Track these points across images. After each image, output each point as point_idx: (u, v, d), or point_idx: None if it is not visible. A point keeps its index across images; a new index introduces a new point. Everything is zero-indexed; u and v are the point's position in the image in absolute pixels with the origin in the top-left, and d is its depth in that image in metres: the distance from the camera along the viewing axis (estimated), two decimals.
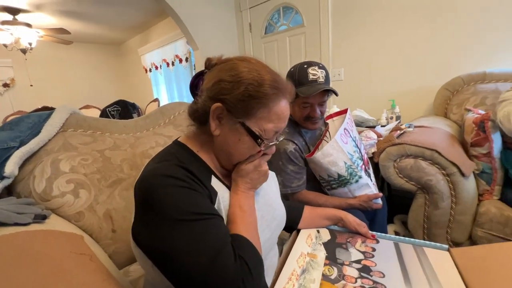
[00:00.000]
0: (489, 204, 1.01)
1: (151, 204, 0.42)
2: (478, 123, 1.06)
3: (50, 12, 3.19)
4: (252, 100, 0.46)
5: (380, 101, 1.92)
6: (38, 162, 0.73)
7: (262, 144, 0.49)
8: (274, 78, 0.49)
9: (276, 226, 0.60)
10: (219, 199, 0.48)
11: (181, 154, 0.50)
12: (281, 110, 0.49)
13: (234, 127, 0.48)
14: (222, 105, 0.47)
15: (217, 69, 0.50)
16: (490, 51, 1.52)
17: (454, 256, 0.56)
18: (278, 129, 0.50)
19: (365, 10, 1.93)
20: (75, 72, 4.60)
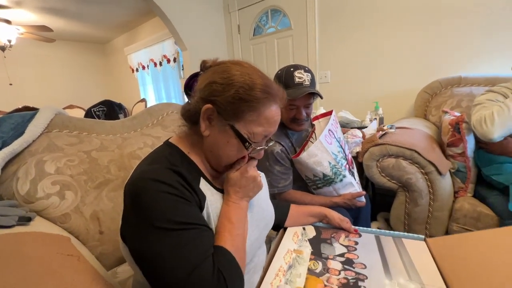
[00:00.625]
0: (463, 201, 1.08)
1: (139, 208, 0.42)
2: (454, 125, 1.13)
3: (31, 9, 3.09)
4: (242, 103, 0.47)
5: (365, 103, 1.99)
6: (22, 164, 0.71)
7: (249, 147, 0.50)
8: (266, 82, 0.49)
9: (265, 226, 0.62)
10: (207, 204, 0.49)
11: (172, 155, 0.51)
12: (271, 115, 0.50)
13: (224, 129, 0.49)
14: (212, 106, 0.47)
15: (210, 71, 0.51)
16: (466, 57, 1.61)
17: (430, 246, 0.61)
18: (267, 133, 0.51)
19: (350, 16, 1.99)
20: (57, 71, 4.45)
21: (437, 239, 0.64)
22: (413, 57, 1.78)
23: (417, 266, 0.55)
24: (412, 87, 1.78)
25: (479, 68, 1.56)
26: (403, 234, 0.68)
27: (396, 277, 0.53)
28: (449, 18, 1.62)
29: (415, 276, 0.52)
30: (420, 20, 1.71)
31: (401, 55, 1.83)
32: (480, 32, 1.54)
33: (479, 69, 1.56)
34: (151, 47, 3.83)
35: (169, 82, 3.83)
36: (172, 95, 3.86)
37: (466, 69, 1.60)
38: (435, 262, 0.56)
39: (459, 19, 1.59)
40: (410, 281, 0.51)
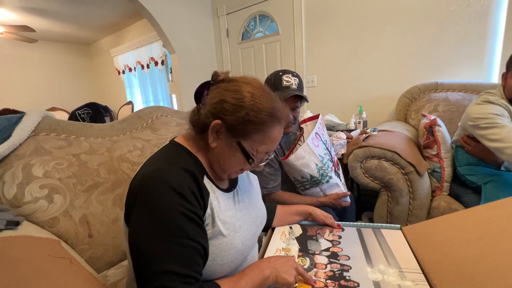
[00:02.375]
0: (440, 199, 1.15)
1: (150, 208, 0.45)
2: (428, 128, 1.20)
3: (12, 8, 2.98)
4: (250, 124, 0.50)
5: (349, 107, 2.07)
6: (8, 167, 0.70)
7: (252, 163, 0.54)
8: (273, 105, 0.53)
9: (260, 223, 0.65)
10: (210, 200, 0.52)
11: (180, 154, 0.54)
12: (275, 135, 0.54)
13: (230, 144, 0.53)
14: (222, 123, 0.51)
15: (222, 87, 0.53)
16: (442, 64, 1.72)
17: (405, 233, 0.68)
18: (269, 150, 0.56)
19: (335, 23, 2.07)
20: (39, 72, 4.30)
21: (410, 226, 0.70)
22: (394, 64, 1.88)
23: (395, 252, 0.61)
24: (393, 92, 1.87)
25: (454, 75, 1.67)
26: (381, 225, 0.74)
27: (377, 265, 0.58)
28: (426, 27, 1.72)
29: (394, 262, 0.58)
30: (400, 29, 1.81)
31: (383, 62, 1.92)
32: (454, 40, 1.65)
33: (453, 76, 1.67)
34: (138, 49, 3.79)
35: (157, 85, 3.79)
36: (160, 98, 3.82)
37: (441, 76, 1.71)
38: (411, 247, 0.62)
39: (435, 29, 1.69)
40: (389, 267, 0.57)
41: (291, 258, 0.55)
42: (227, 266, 0.52)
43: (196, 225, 0.47)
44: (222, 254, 0.51)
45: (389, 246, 0.64)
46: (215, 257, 0.50)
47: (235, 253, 0.53)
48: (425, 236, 0.63)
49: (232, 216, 0.55)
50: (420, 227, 0.68)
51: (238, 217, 0.56)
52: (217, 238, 0.51)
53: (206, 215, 0.50)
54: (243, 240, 0.55)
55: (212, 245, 0.50)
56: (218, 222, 0.51)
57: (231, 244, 0.52)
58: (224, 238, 0.51)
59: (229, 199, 0.58)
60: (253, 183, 0.70)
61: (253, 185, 0.70)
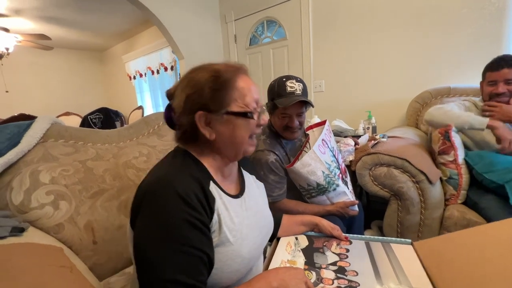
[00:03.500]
0: (453, 208, 1.10)
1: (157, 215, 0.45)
2: (443, 133, 1.16)
3: (30, 17, 3.12)
4: (219, 91, 0.52)
5: (358, 112, 2.02)
6: (16, 174, 0.72)
7: (252, 115, 0.54)
8: (225, 64, 0.55)
9: (266, 233, 0.64)
10: (216, 206, 0.51)
11: (186, 161, 0.54)
12: (246, 84, 0.54)
13: (223, 120, 0.53)
14: (202, 112, 0.51)
15: (178, 92, 0.54)
16: (454, 68, 1.66)
17: (416, 249, 0.63)
18: (255, 99, 0.55)
19: (343, 27, 2.05)
20: (55, 78, 4.46)
21: (422, 242, 0.66)
22: (404, 68, 1.84)
23: (406, 269, 0.57)
24: (403, 96, 1.83)
25: (468, 79, 1.61)
26: (391, 239, 0.70)
27: (387, 282, 0.55)
28: (438, 31, 1.67)
29: (404, 280, 0.54)
30: (410, 32, 1.77)
31: (393, 66, 1.88)
32: (467, 44, 1.60)
33: (467, 80, 1.61)
34: (148, 55, 3.87)
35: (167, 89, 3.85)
36: None
37: (455, 80, 1.65)
38: (422, 264, 0.58)
39: (447, 32, 1.64)
40: (400, 285, 0.53)
41: (300, 271, 0.53)
42: (233, 275, 0.51)
43: (201, 233, 0.47)
44: (229, 262, 0.50)
45: (399, 262, 0.60)
46: (222, 265, 0.50)
47: (241, 261, 0.52)
48: (438, 253, 0.59)
49: (240, 223, 0.54)
50: (433, 242, 0.64)
51: (245, 225, 0.55)
52: (224, 245, 0.50)
53: (213, 222, 0.50)
54: (249, 249, 0.54)
55: (219, 252, 0.49)
56: (225, 228, 0.50)
57: (238, 252, 0.51)
58: (231, 246, 0.51)
59: (237, 205, 0.57)
60: (261, 190, 0.70)
61: (261, 193, 0.69)
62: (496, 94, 1.15)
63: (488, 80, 1.18)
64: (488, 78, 1.18)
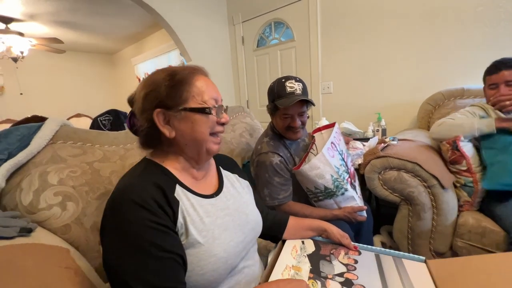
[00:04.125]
0: (468, 215, 1.06)
1: (118, 227, 0.45)
2: (452, 143, 1.11)
3: (44, 22, 3.21)
4: (176, 88, 0.52)
5: (367, 114, 1.99)
6: (26, 175, 0.73)
7: (210, 111, 0.54)
8: (182, 66, 0.56)
9: (251, 230, 0.63)
10: (181, 208, 0.51)
11: (148, 168, 0.55)
12: (204, 82, 0.55)
13: (181, 117, 0.53)
14: (160, 109, 0.52)
15: (137, 94, 0.56)
16: (468, 69, 1.61)
17: (430, 268, 0.59)
18: (213, 96, 0.56)
19: (352, 27, 2.02)
20: (66, 80, 4.58)
21: (438, 261, 0.62)
22: (416, 69, 1.79)
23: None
24: (415, 98, 1.78)
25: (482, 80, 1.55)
26: (404, 254, 0.66)
27: None
28: (451, 30, 1.63)
29: None
30: (422, 32, 1.73)
31: (404, 66, 1.83)
32: (482, 43, 1.54)
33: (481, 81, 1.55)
34: (157, 58, 3.93)
35: None
36: None
37: (468, 81, 1.60)
38: (435, 285, 0.54)
39: (461, 31, 1.60)
40: None
41: (303, 282, 0.51)
42: (209, 276, 0.50)
43: (167, 235, 0.46)
44: (202, 263, 0.49)
45: (410, 280, 0.56)
46: (194, 266, 0.49)
47: (216, 260, 0.51)
48: (453, 275, 0.55)
49: (211, 223, 0.54)
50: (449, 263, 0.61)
51: (217, 224, 0.55)
52: (194, 246, 0.50)
53: (178, 225, 0.50)
54: (225, 247, 0.53)
55: (189, 254, 0.49)
56: (192, 230, 0.50)
57: (210, 251, 0.51)
58: (202, 246, 0.50)
59: (209, 205, 0.57)
60: (243, 188, 0.69)
61: (243, 191, 0.68)
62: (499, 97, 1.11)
63: (488, 84, 1.17)
64: (488, 82, 1.17)
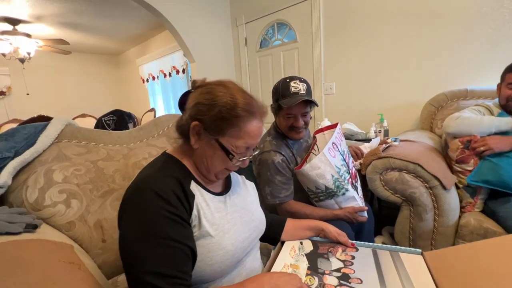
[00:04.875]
0: (470, 216, 1.05)
1: (137, 215, 0.48)
2: (465, 142, 1.11)
3: (50, 23, 3.26)
4: (224, 121, 0.53)
5: (369, 115, 1.98)
6: (32, 172, 0.75)
7: (233, 158, 0.56)
8: (247, 101, 0.55)
9: (255, 228, 0.65)
10: (196, 203, 0.54)
11: (167, 162, 0.58)
12: (251, 129, 0.55)
13: (210, 143, 0.55)
14: (199, 124, 0.54)
15: (198, 91, 0.57)
16: (472, 70, 1.60)
17: (427, 259, 0.60)
18: (248, 145, 0.56)
19: (355, 28, 2.02)
20: (72, 81, 4.64)
21: (433, 252, 0.63)
22: (418, 69, 1.78)
23: (414, 281, 0.54)
24: (417, 99, 1.77)
25: (485, 81, 1.54)
26: (400, 248, 0.67)
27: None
28: (454, 31, 1.62)
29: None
30: (425, 32, 1.72)
31: (406, 67, 1.83)
32: (486, 44, 1.54)
33: (485, 82, 1.54)
34: (161, 59, 3.96)
35: (178, 92, 3.93)
36: None
37: (472, 82, 1.59)
38: (432, 276, 0.55)
39: (465, 32, 1.59)
40: None
41: (296, 276, 0.52)
42: (216, 267, 0.53)
43: (181, 226, 0.49)
44: (211, 254, 0.52)
45: (407, 272, 0.57)
46: (204, 257, 0.52)
47: (224, 253, 0.54)
48: (449, 264, 0.56)
49: (221, 218, 0.57)
50: (444, 253, 0.61)
51: (227, 219, 0.58)
52: (205, 238, 0.53)
53: (193, 217, 0.53)
54: (233, 241, 0.56)
55: (200, 245, 0.52)
56: (205, 223, 0.53)
57: (219, 244, 0.54)
58: (212, 239, 0.53)
59: (220, 202, 0.60)
60: (249, 189, 0.72)
61: (249, 191, 0.71)
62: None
63: (508, 82, 1.13)
64: (508, 80, 1.13)
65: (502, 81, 1.18)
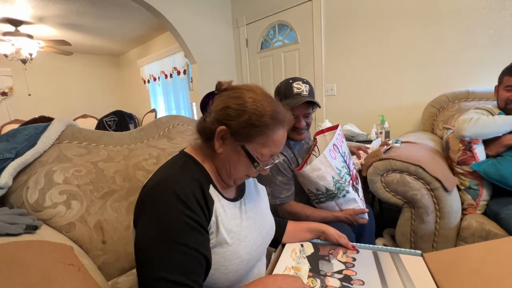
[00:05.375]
0: (471, 219, 1.05)
1: (156, 216, 0.47)
2: (466, 144, 1.11)
3: (52, 24, 3.28)
4: (253, 128, 0.52)
5: (370, 116, 1.98)
6: (32, 173, 0.75)
7: (258, 166, 0.55)
8: (275, 109, 0.54)
9: (266, 234, 0.64)
10: (215, 208, 0.53)
11: (187, 163, 0.56)
12: (278, 138, 0.55)
13: (236, 149, 0.54)
14: (226, 128, 0.52)
15: (225, 95, 0.55)
16: (473, 71, 1.60)
17: (427, 261, 0.61)
18: (273, 153, 0.56)
19: (356, 29, 2.02)
20: (74, 82, 4.66)
21: (434, 254, 0.63)
22: (419, 71, 1.78)
23: (415, 282, 0.55)
24: (419, 100, 1.77)
25: (487, 83, 1.54)
26: (400, 249, 0.67)
27: None
28: (456, 32, 1.62)
29: None
30: (426, 34, 1.72)
31: (407, 69, 1.83)
32: (487, 46, 1.53)
33: (486, 84, 1.54)
34: (162, 60, 3.97)
35: (179, 93, 3.93)
36: (182, 106, 3.95)
37: (473, 83, 1.59)
38: (433, 277, 0.56)
39: (466, 33, 1.59)
40: None
41: (298, 279, 0.52)
42: (231, 276, 0.52)
43: (199, 234, 0.48)
44: (227, 263, 0.51)
45: (408, 274, 0.57)
46: (219, 265, 0.51)
47: (240, 262, 0.53)
48: (449, 266, 0.56)
49: (238, 225, 0.55)
50: (445, 254, 0.61)
51: (243, 226, 0.57)
52: (222, 246, 0.51)
53: (211, 223, 0.51)
54: (248, 250, 0.55)
55: (216, 253, 0.51)
56: (222, 230, 0.52)
57: (236, 253, 0.52)
58: (228, 247, 0.52)
59: (235, 208, 0.58)
60: (260, 193, 0.70)
61: (260, 195, 0.69)
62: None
63: (506, 85, 1.12)
64: (506, 83, 1.12)
65: (500, 84, 1.17)
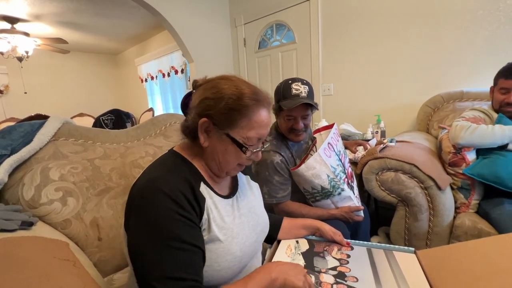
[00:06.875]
0: (464, 217, 1.06)
1: (146, 216, 0.47)
2: (456, 148, 1.12)
3: (49, 22, 3.25)
4: (233, 112, 0.52)
5: (367, 116, 2.00)
6: (28, 170, 0.75)
7: (246, 151, 0.54)
8: (253, 90, 0.54)
9: (261, 231, 0.65)
10: (206, 206, 0.52)
11: (176, 162, 0.56)
12: (260, 118, 0.54)
13: (221, 138, 0.54)
14: (208, 120, 0.52)
15: (201, 88, 0.56)
16: (468, 72, 1.62)
17: (420, 258, 0.62)
18: (260, 135, 0.55)
19: (353, 30, 2.04)
20: (70, 80, 4.62)
21: (426, 251, 0.64)
22: (415, 71, 1.80)
23: (408, 278, 0.56)
24: (414, 100, 1.79)
25: (481, 83, 1.56)
26: (394, 246, 0.69)
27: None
28: (451, 33, 1.64)
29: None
30: (422, 34, 1.74)
31: (403, 69, 1.84)
32: (482, 47, 1.55)
33: (480, 84, 1.56)
34: (160, 59, 3.96)
35: (177, 92, 3.93)
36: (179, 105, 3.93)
37: (468, 83, 1.60)
38: (425, 274, 0.57)
39: (461, 34, 1.60)
40: None
41: (301, 267, 0.53)
42: (224, 272, 0.52)
43: (192, 229, 0.48)
44: (219, 259, 0.51)
45: (401, 271, 0.58)
46: (212, 262, 0.51)
47: (232, 259, 0.53)
48: (442, 263, 0.57)
49: (230, 222, 0.55)
50: (437, 252, 0.62)
51: (236, 224, 0.56)
52: (214, 243, 0.51)
53: (203, 220, 0.51)
54: (241, 247, 0.55)
55: (208, 250, 0.51)
56: (214, 227, 0.52)
57: (228, 249, 0.52)
58: (221, 244, 0.52)
59: (228, 205, 0.58)
60: (254, 190, 0.70)
61: (254, 193, 0.69)
62: (507, 103, 1.10)
63: (500, 87, 1.13)
64: (501, 85, 1.13)
65: (495, 85, 1.17)
